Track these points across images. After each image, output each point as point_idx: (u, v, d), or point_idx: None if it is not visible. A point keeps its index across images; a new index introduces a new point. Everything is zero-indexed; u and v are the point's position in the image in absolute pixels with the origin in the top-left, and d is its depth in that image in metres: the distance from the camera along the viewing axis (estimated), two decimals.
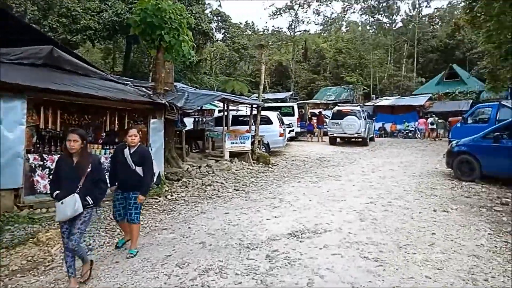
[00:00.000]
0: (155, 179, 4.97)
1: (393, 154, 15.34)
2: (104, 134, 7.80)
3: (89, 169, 3.70)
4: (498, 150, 8.15)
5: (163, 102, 8.03)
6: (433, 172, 10.34)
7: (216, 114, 16.90)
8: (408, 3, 50.43)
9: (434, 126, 23.26)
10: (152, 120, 8.03)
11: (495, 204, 6.73)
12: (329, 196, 7.57)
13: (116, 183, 4.61)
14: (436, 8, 53.40)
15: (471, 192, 7.76)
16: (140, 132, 7.89)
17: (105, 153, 7.26)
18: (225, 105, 12.34)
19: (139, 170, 4.55)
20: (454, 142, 9.76)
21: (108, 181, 4.15)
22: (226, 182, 9.13)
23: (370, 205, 6.72)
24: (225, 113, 12.33)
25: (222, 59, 41.90)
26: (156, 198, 7.35)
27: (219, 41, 40.42)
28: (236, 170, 10.57)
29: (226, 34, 38.72)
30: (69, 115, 7.30)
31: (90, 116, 7.67)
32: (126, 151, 4.55)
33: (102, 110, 7.50)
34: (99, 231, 5.45)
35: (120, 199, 4.60)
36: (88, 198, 3.69)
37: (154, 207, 6.85)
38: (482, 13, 15.63)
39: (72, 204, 3.53)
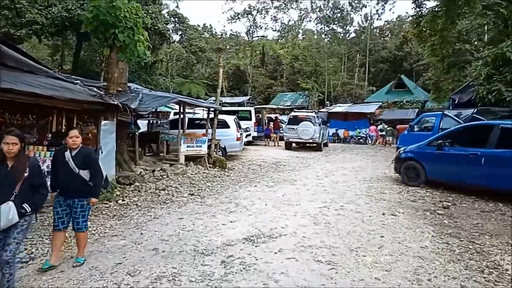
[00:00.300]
0: (102, 182, 4.70)
1: (346, 159, 15.89)
2: (50, 135, 7.34)
3: (26, 174, 3.40)
4: (441, 157, 8.67)
5: (115, 103, 7.70)
6: (382, 177, 10.83)
7: (172, 116, 16.58)
8: (361, 15, 53.24)
9: (384, 133, 24.49)
10: (103, 122, 7.66)
11: (438, 207, 7.15)
12: (285, 200, 7.66)
13: (58, 189, 4.29)
14: (386, 21, 56.67)
15: (416, 196, 8.19)
16: (90, 134, 7.53)
17: (50, 155, 6.82)
18: (181, 107, 12.13)
19: (83, 173, 4.27)
20: (401, 148, 10.27)
21: (49, 186, 3.87)
22: (181, 186, 8.94)
23: (324, 209, 6.88)
24: (181, 116, 12.12)
25: (179, 61, 41.35)
26: (106, 203, 7.00)
27: (176, 43, 39.83)
28: (191, 174, 10.39)
29: (183, 35, 38.24)
30: (11, 114, 6.77)
31: (35, 116, 7.16)
32: (67, 154, 4.23)
33: (48, 110, 7.03)
34: (42, 238, 5.07)
35: (64, 205, 4.25)
36: (26, 206, 3.38)
37: (104, 212, 6.53)
38: (428, 28, 16.84)
39: (5, 214, 3.21)
